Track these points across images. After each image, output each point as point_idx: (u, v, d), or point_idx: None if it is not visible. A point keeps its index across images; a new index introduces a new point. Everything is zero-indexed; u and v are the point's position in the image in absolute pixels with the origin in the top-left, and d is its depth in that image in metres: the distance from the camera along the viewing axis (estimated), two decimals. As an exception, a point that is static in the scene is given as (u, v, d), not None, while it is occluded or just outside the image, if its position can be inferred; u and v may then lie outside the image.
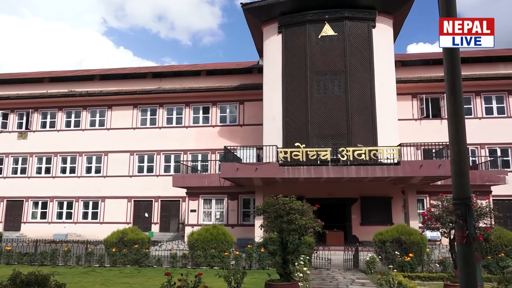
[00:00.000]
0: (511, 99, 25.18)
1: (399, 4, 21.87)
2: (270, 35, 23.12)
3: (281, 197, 9.13)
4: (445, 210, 9.53)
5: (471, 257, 3.34)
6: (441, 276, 11.98)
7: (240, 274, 8.28)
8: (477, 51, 29.11)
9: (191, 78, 28.71)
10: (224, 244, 15.13)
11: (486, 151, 24.66)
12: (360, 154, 18.53)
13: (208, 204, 23.58)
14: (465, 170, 3.44)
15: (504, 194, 23.09)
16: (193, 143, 27.40)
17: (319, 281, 11.90)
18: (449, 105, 3.49)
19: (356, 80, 21.53)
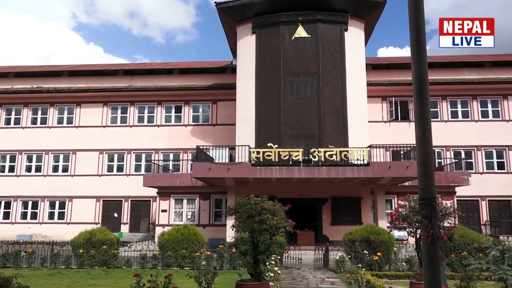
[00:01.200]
0: (475, 103, 26.18)
1: (371, 8, 22.34)
2: (244, 35, 23.12)
3: (253, 197, 9.14)
4: (412, 210, 9.79)
5: (436, 255, 3.45)
6: (408, 275, 12.32)
7: (210, 274, 8.23)
8: (444, 56, 30.13)
9: (163, 76, 28.32)
10: (195, 245, 15.00)
11: (451, 153, 25.56)
12: (331, 155, 18.81)
13: (179, 204, 23.33)
14: (431, 171, 3.54)
15: (467, 195, 23.98)
16: (165, 142, 27.05)
17: (290, 280, 11.99)
18: (416, 108, 3.59)
19: (328, 82, 21.84)
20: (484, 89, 26.01)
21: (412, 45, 3.60)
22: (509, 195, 25.04)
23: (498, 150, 25.68)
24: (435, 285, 3.40)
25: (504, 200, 25.18)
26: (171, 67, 29.06)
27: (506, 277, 8.33)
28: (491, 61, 27.33)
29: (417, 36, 3.58)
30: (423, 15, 3.60)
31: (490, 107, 26.17)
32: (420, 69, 3.57)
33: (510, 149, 25.45)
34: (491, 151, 25.72)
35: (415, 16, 3.58)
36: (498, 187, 24.97)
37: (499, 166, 25.60)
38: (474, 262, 9.27)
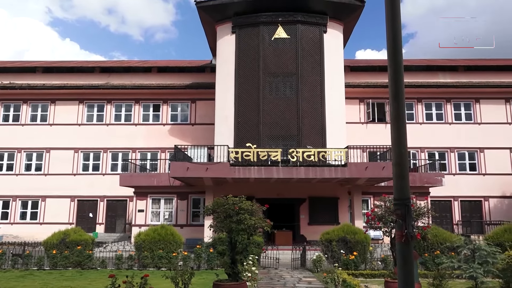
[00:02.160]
0: (448, 106, 26.89)
1: (349, 11, 22.64)
2: (223, 34, 23.06)
3: (231, 197, 9.13)
4: (387, 210, 9.98)
5: (409, 255, 3.52)
6: (383, 273, 12.55)
7: (187, 274, 8.18)
8: (420, 59, 30.84)
9: (141, 74, 27.93)
10: (173, 245, 14.87)
11: (426, 154, 26.16)
12: (309, 156, 18.97)
13: (156, 204, 23.08)
14: (405, 172, 3.62)
15: (441, 195, 24.62)
16: (143, 141, 26.69)
17: (267, 280, 12.03)
18: (392, 110, 3.66)
19: (307, 83, 22.02)
20: (457, 92, 26.73)
21: (388, 48, 3.67)
22: (480, 195, 25.83)
23: (470, 152, 26.45)
24: (409, 283, 3.47)
25: (475, 201, 25.95)
26: (150, 65, 28.70)
27: (476, 275, 8.59)
28: (464, 65, 28.12)
29: (394, 39, 3.65)
30: (400, 19, 3.67)
31: (463, 110, 26.92)
32: (396, 72, 3.64)
33: (482, 151, 26.25)
34: (464, 153, 26.47)
35: (391, 20, 3.65)
36: (470, 188, 25.72)
37: (471, 167, 26.37)
38: (446, 261, 9.53)
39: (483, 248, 8.92)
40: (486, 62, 29.13)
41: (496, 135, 26.16)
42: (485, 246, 9.10)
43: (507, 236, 14.82)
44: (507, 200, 25.81)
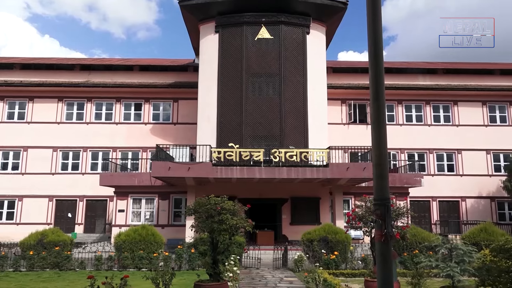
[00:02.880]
0: (428, 108, 27.41)
1: (332, 13, 22.85)
2: (207, 34, 22.96)
3: (212, 197, 9.11)
4: (367, 210, 10.12)
5: (388, 254, 3.58)
6: (363, 273, 12.71)
7: (168, 275, 8.12)
8: (401, 62, 31.36)
9: (123, 72, 27.55)
10: (153, 245, 14.74)
11: (406, 155, 26.61)
12: (292, 156, 19.07)
13: (137, 204, 22.82)
14: (385, 173, 3.67)
15: (419, 196, 25.08)
16: (124, 140, 26.33)
17: (249, 280, 12.04)
18: (373, 111, 3.71)
19: (290, 83, 22.13)
20: (436, 95, 27.29)
21: (369, 50, 3.72)
22: (458, 196, 26.43)
23: (448, 153, 27.02)
24: (388, 282, 3.52)
25: (453, 201, 26.53)
26: (131, 64, 28.34)
27: (453, 274, 8.79)
28: (443, 68, 28.72)
29: (375, 42, 3.70)
30: (381, 22, 3.72)
31: (441, 112, 27.49)
32: (377, 74, 3.69)
33: (459, 153, 26.85)
34: (442, 154, 27.03)
35: (373, 23, 3.70)
36: (448, 188, 26.28)
37: (449, 168, 26.94)
38: (425, 260, 9.70)
39: (460, 247, 9.13)
40: (464, 65, 29.80)
41: (473, 137, 26.80)
42: (462, 245, 9.30)
43: (483, 235, 15.21)
44: (483, 201, 26.47)
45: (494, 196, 26.30)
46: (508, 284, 8.50)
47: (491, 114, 27.53)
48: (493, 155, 26.94)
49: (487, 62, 31.51)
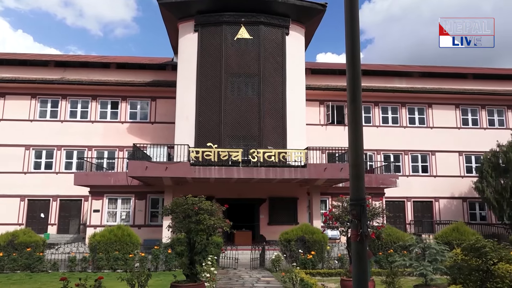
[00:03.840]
0: (403, 110, 27.98)
1: (311, 15, 23.04)
2: (186, 32, 22.78)
3: (190, 197, 9.04)
4: (344, 210, 10.25)
5: (364, 253, 3.62)
6: (339, 272, 12.87)
7: (144, 276, 8.01)
8: (377, 65, 31.88)
9: (99, 70, 27.01)
10: (129, 246, 14.53)
11: (382, 156, 27.08)
12: (270, 156, 19.13)
13: (113, 204, 22.43)
14: (361, 173, 3.72)
15: (395, 196, 25.58)
16: (99, 139, 25.83)
17: (226, 280, 12.01)
18: (350, 113, 3.75)
19: (269, 84, 22.19)
20: (411, 97, 27.88)
21: (347, 53, 3.76)
22: (431, 196, 27.08)
23: (422, 154, 27.66)
24: (363, 281, 3.57)
25: (427, 201, 27.18)
26: (108, 61, 27.83)
27: (426, 273, 9.00)
28: (419, 71, 29.39)
29: (352, 44, 3.75)
30: (358, 25, 3.77)
31: (417, 115, 28.11)
32: (354, 76, 3.74)
33: (433, 154, 27.52)
34: (417, 156, 27.64)
35: (350, 26, 3.74)
36: (422, 189, 26.90)
37: (423, 169, 27.58)
38: (399, 259, 9.90)
39: (433, 246, 9.35)
40: (438, 69, 30.58)
41: (446, 139, 27.51)
42: (435, 244, 9.54)
43: (455, 235, 15.65)
44: (456, 201, 27.22)
45: (466, 196, 27.07)
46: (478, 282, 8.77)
47: (463, 117, 28.34)
48: (465, 157, 27.73)
49: (461, 66, 32.42)
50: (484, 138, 26.95)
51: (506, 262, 8.68)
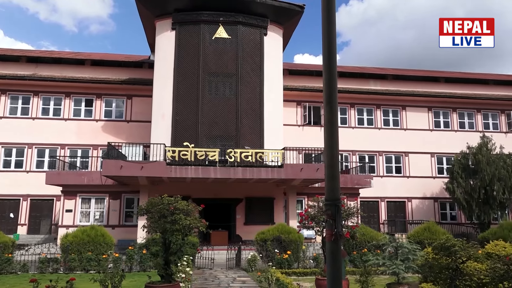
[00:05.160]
0: (378, 112, 28.51)
1: (289, 16, 23.19)
2: (163, 30, 22.53)
3: (166, 197, 8.96)
4: (319, 210, 10.36)
5: (338, 253, 3.67)
6: (314, 271, 12.99)
7: (118, 277, 7.88)
8: (353, 67, 32.36)
9: (73, 66, 26.38)
10: (103, 246, 14.27)
11: (357, 157, 27.52)
12: (247, 156, 19.14)
13: (86, 203, 21.96)
14: (337, 174, 3.77)
15: (369, 196, 26.04)
16: (73, 137, 25.22)
17: (202, 280, 11.94)
18: (326, 114, 3.79)
19: (247, 84, 22.20)
20: (386, 99, 28.44)
21: (324, 54, 3.80)
22: (404, 196, 27.71)
23: (396, 155, 28.26)
24: (337, 280, 3.62)
25: (400, 201, 27.79)
26: (83, 58, 27.21)
27: (398, 271, 9.20)
28: (393, 74, 30.02)
29: (329, 46, 3.79)
30: (335, 28, 3.82)
31: (391, 116, 28.70)
32: (330, 77, 3.78)
33: (406, 155, 28.16)
34: (391, 157, 28.22)
35: (327, 28, 3.79)
36: (395, 189, 27.49)
37: (397, 170, 28.18)
38: (372, 258, 10.09)
39: (405, 246, 9.58)
40: (412, 72, 31.30)
41: (419, 141, 28.20)
42: (407, 244, 9.77)
43: (426, 234, 16.06)
44: (427, 201, 27.94)
45: (437, 197, 27.82)
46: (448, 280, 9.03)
47: (435, 119, 29.12)
48: (437, 158, 28.50)
49: (433, 70, 33.30)
50: (455, 140, 27.80)
51: (474, 260, 8.98)
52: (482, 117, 29.61)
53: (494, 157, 23.86)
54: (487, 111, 29.73)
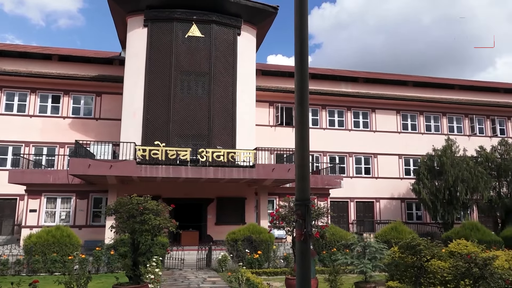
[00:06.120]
0: (349, 114, 29.04)
1: (263, 16, 23.26)
2: (135, 27, 22.12)
3: (135, 197, 8.80)
4: (290, 210, 10.45)
5: (307, 252, 3.71)
6: (284, 271, 13.10)
7: (84, 279, 7.68)
8: (325, 69, 32.82)
9: (40, 61, 25.45)
10: (69, 247, 13.88)
11: (328, 158, 27.93)
12: (219, 156, 19.07)
13: (52, 203, 21.28)
14: (307, 174, 3.80)
15: (339, 196, 26.48)
16: (38, 134, 24.35)
17: (171, 281, 11.81)
18: (297, 115, 3.82)
19: (220, 84, 22.11)
20: (356, 102, 29.01)
21: (296, 56, 3.83)
22: (373, 197, 28.34)
23: (366, 157, 28.87)
24: (306, 279, 3.66)
25: (368, 202, 28.41)
26: (50, 53, 26.32)
27: (366, 270, 9.40)
28: (364, 77, 30.64)
29: (301, 48, 3.83)
30: (307, 30, 3.86)
31: (361, 118, 29.30)
32: (302, 79, 3.81)
33: (375, 157, 28.81)
34: (360, 158, 28.80)
35: (300, 30, 3.82)
36: (364, 190, 28.08)
37: (366, 171, 28.79)
38: (341, 258, 10.26)
39: (373, 245, 9.79)
40: (382, 76, 32.07)
41: (387, 143, 28.92)
42: (374, 243, 9.99)
43: (393, 233, 16.48)
44: (395, 201, 28.69)
45: (404, 197, 28.61)
46: (413, 277, 9.30)
47: (403, 122, 29.94)
48: (404, 160, 29.31)
49: (402, 74, 34.22)
50: (422, 143, 28.69)
51: (438, 259, 9.29)
52: (447, 120, 30.69)
53: (458, 159, 24.77)
54: (452, 115, 30.84)
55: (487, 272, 7.87)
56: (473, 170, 24.19)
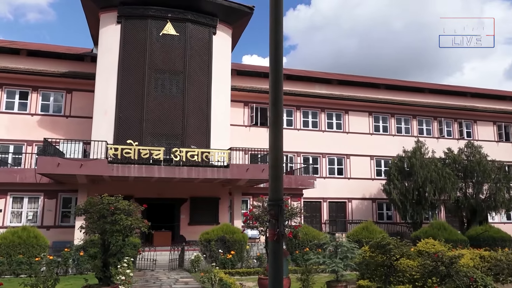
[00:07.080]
0: (323, 115, 29.41)
1: (239, 16, 23.25)
2: (107, 23, 21.66)
3: (106, 197, 8.62)
4: (264, 210, 10.49)
5: (280, 252, 3.74)
6: (257, 271, 13.12)
7: (51, 281, 7.47)
8: (300, 70, 33.10)
9: (7, 56, 24.49)
10: (36, 249, 13.47)
11: (301, 158, 28.18)
12: (193, 156, 18.94)
13: (18, 203, 20.58)
14: (280, 174, 3.82)
15: (312, 197, 26.76)
16: (4, 132, 23.44)
17: (143, 282, 11.64)
18: (271, 115, 3.84)
19: (194, 83, 21.94)
20: (330, 103, 29.40)
21: (270, 57, 3.85)
22: (345, 197, 28.79)
23: (338, 157, 29.30)
24: (278, 279, 3.68)
25: (341, 202, 28.84)
26: (18, 47, 25.38)
27: (337, 269, 9.54)
28: (337, 79, 31.10)
29: (276, 49, 3.85)
30: (282, 31, 3.89)
31: (334, 120, 29.72)
32: (276, 79, 3.83)
33: (348, 158, 29.29)
34: (333, 158, 29.21)
35: (275, 31, 3.84)
36: (337, 190, 28.49)
37: (339, 172, 29.22)
38: (313, 257, 10.38)
39: (344, 244, 9.95)
40: (355, 78, 32.63)
41: (360, 144, 29.45)
42: (346, 242, 10.16)
43: (365, 233, 16.81)
44: (366, 202, 29.25)
45: (375, 198, 29.21)
46: (383, 276, 9.51)
47: (375, 124, 30.57)
48: (376, 161, 29.93)
49: (375, 77, 34.93)
50: (393, 144, 29.35)
51: (407, 258, 9.54)
52: (417, 122, 31.54)
53: (427, 160, 25.50)
54: (422, 117, 31.71)
55: (453, 270, 8.14)
56: (441, 171, 24.94)
